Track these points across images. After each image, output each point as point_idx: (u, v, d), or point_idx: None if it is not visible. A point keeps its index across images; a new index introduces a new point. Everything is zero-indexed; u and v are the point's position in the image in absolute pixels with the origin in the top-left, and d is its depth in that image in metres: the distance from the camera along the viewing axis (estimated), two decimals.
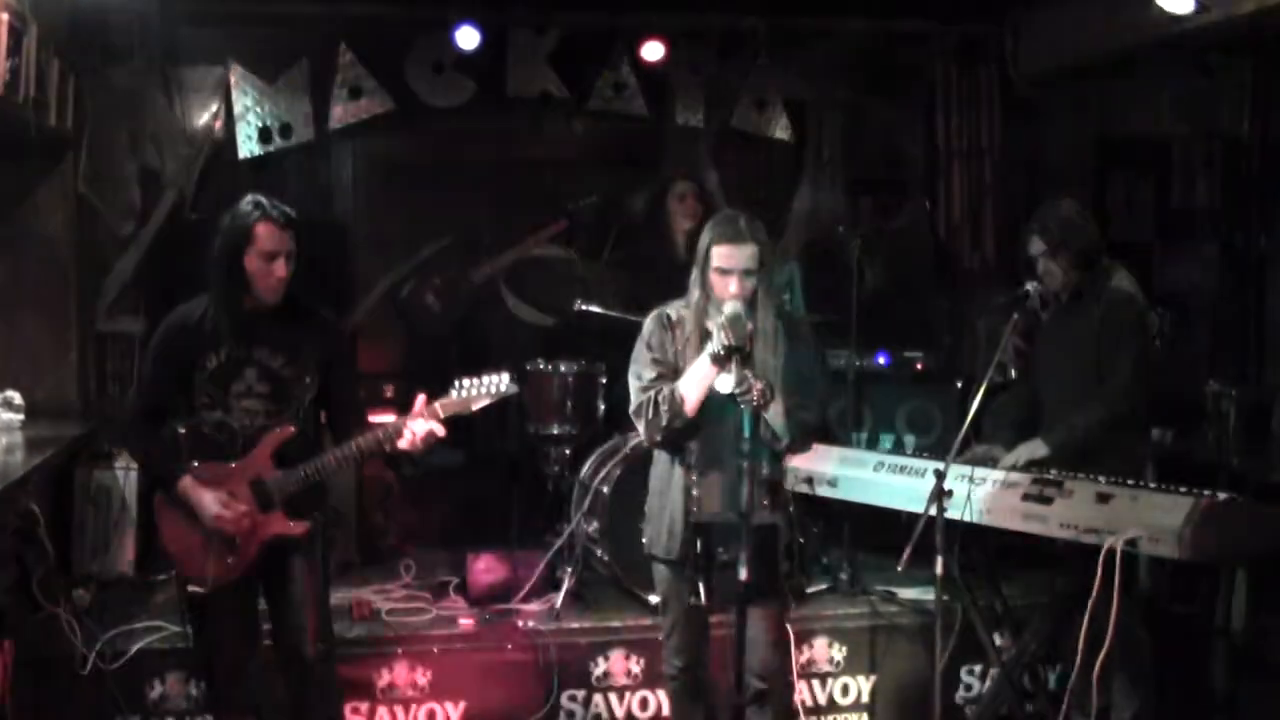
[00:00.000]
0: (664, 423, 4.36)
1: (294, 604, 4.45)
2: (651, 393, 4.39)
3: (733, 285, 4.30)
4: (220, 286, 4.37)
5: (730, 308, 4.23)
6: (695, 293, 4.44)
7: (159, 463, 4.49)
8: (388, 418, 4.50)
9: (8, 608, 4.95)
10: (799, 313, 4.63)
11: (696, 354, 4.33)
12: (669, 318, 4.53)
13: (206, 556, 4.36)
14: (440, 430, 4.36)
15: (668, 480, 4.53)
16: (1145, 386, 5.13)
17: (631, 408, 4.50)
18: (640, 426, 4.47)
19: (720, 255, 4.33)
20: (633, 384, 4.52)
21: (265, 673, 4.63)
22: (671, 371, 4.45)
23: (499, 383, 4.40)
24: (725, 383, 4.13)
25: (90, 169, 6.46)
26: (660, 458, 4.61)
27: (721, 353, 4.12)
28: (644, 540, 4.67)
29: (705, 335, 4.31)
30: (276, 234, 4.33)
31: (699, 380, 4.28)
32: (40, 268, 6.42)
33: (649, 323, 4.58)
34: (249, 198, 4.41)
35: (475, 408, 4.43)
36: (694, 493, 4.42)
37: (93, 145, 6.47)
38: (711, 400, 4.29)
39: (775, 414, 4.29)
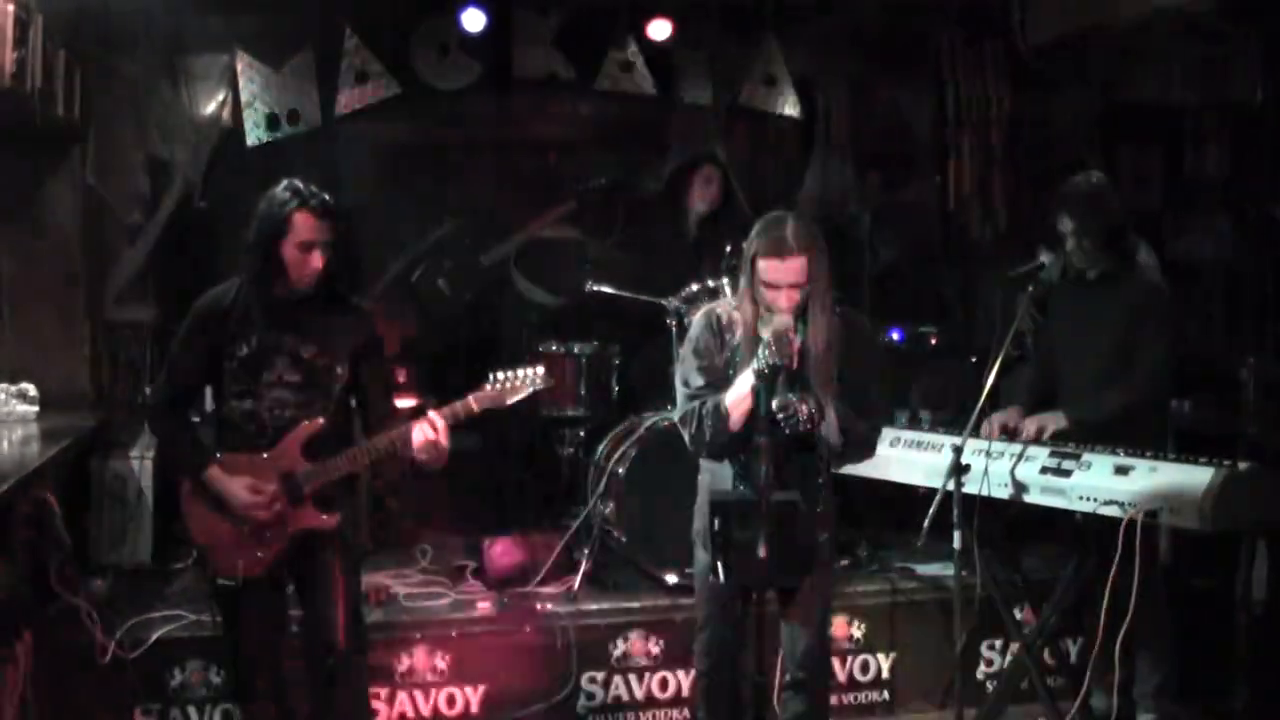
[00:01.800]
0: (708, 438, 4.22)
1: (325, 596, 4.38)
2: (696, 404, 4.23)
3: (781, 300, 4.11)
4: (254, 274, 4.28)
5: (777, 323, 4.05)
6: (745, 303, 4.24)
7: (185, 453, 4.40)
8: (405, 402, 4.44)
9: (26, 599, 4.95)
10: (860, 314, 4.44)
11: (748, 364, 4.11)
12: (719, 319, 4.34)
13: (236, 549, 4.30)
14: (444, 440, 4.27)
15: (716, 477, 4.38)
16: (1171, 373, 5.10)
17: (677, 415, 4.37)
18: (685, 436, 4.32)
19: (766, 269, 4.11)
20: (679, 389, 4.37)
21: (289, 662, 4.61)
22: (721, 379, 4.28)
23: (533, 376, 4.30)
24: (770, 402, 3.96)
25: (98, 159, 6.45)
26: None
27: (766, 371, 3.93)
28: (695, 524, 4.53)
29: (757, 345, 4.09)
30: (314, 223, 4.24)
31: (744, 397, 4.09)
32: (50, 259, 6.40)
33: (697, 324, 4.40)
34: (285, 183, 4.30)
35: (510, 401, 4.32)
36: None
37: (100, 135, 6.46)
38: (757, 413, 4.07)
39: (830, 428, 4.15)
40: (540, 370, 4.32)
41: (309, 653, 4.48)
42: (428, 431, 4.25)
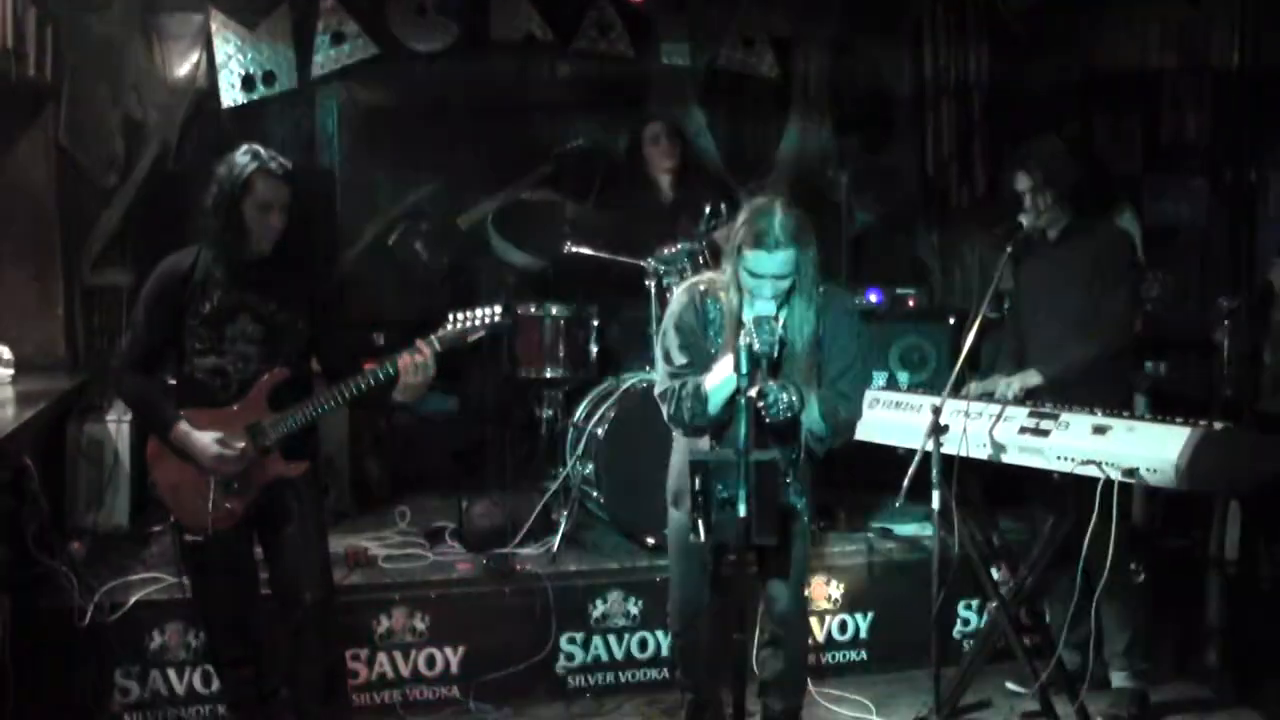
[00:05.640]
0: (687, 419, 4.26)
1: (292, 549, 4.47)
2: (676, 384, 4.26)
3: (765, 289, 4.13)
4: (216, 235, 4.38)
5: (759, 309, 4.09)
6: (731, 289, 4.24)
7: (154, 409, 4.46)
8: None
9: (3, 562, 4.93)
10: (844, 292, 4.45)
11: (730, 349, 4.12)
12: (702, 295, 4.33)
13: (204, 503, 4.35)
14: (431, 364, 4.36)
15: (695, 440, 4.41)
16: (1135, 321, 5.20)
17: (657, 390, 4.39)
18: (664, 412, 4.35)
19: (751, 260, 4.12)
20: (660, 364, 4.40)
21: (264, 622, 4.63)
22: (702, 357, 4.30)
23: (491, 313, 4.43)
24: (753, 389, 3.95)
25: (71, 120, 6.39)
26: None
27: (746, 359, 3.90)
28: (669, 484, 4.58)
29: (740, 329, 4.13)
30: (274, 185, 4.36)
31: (724, 384, 4.13)
32: (24, 222, 6.36)
33: (679, 299, 4.39)
34: (245, 148, 4.42)
35: (471, 339, 4.46)
36: None
37: (73, 96, 6.39)
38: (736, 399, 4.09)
39: (812, 415, 4.20)
40: (498, 308, 4.43)
41: (279, 608, 4.54)
42: (415, 356, 4.34)
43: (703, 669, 4.72)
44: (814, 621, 5.75)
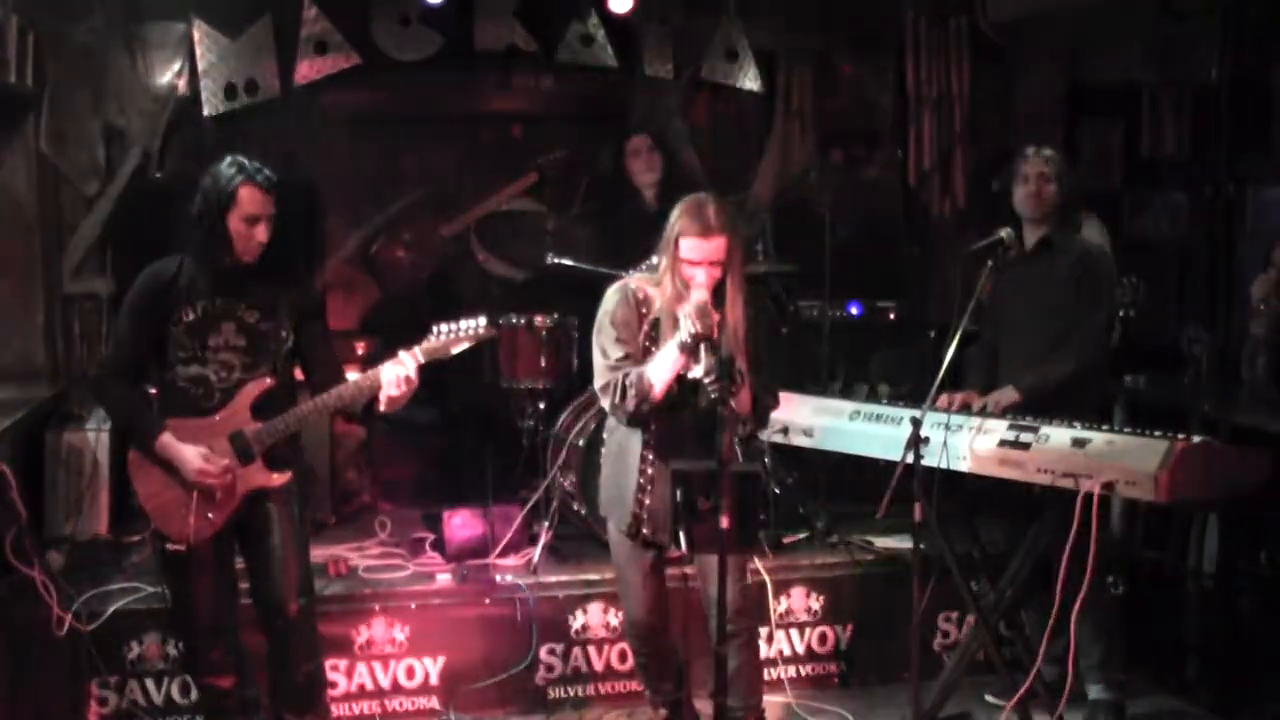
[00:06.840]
0: (631, 408, 4.34)
1: (274, 559, 4.47)
2: (619, 375, 4.36)
3: (700, 275, 4.29)
4: (201, 246, 4.39)
5: (697, 296, 4.24)
6: (666, 280, 4.40)
7: (137, 419, 4.46)
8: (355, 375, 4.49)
9: None
10: (760, 289, 4.60)
11: (669, 337, 4.30)
12: (634, 294, 4.48)
13: (185, 514, 4.35)
14: (414, 376, 4.37)
15: (625, 449, 4.53)
16: (1111, 339, 5.29)
17: (597, 383, 4.48)
18: (605, 403, 4.46)
19: (687, 248, 4.29)
20: (598, 359, 4.48)
21: (245, 631, 4.62)
22: (638, 351, 4.43)
23: (476, 326, 4.45)
24: (696, 370, 4.14)
25: (52, 128, 6.38)
26: (619, 426, 4.58)
27: (689, 341, 4.12)
28: (600, 501, 4.73)
29: (678, 322, 4.27)
30: (260, 198, 4.37)
31: (668, 367, 4.26)
32: (4, 229, 6.34)
33: (613, 297, 4.52)
34: (230, 159, 4.42)
35: (454, 351, 4.47)
36: (649, 471, 4.46)
37: (54, 104, 6.38)
38: (678, 384, 4.31)
39: (742, 398, 4.29)
40: (482, 321, 4.45)
41: (260, 617, 4.53)
42: (399, 369, 4.36)
43: (667, 680, 4.75)
44: (794, 633, 5.76)
